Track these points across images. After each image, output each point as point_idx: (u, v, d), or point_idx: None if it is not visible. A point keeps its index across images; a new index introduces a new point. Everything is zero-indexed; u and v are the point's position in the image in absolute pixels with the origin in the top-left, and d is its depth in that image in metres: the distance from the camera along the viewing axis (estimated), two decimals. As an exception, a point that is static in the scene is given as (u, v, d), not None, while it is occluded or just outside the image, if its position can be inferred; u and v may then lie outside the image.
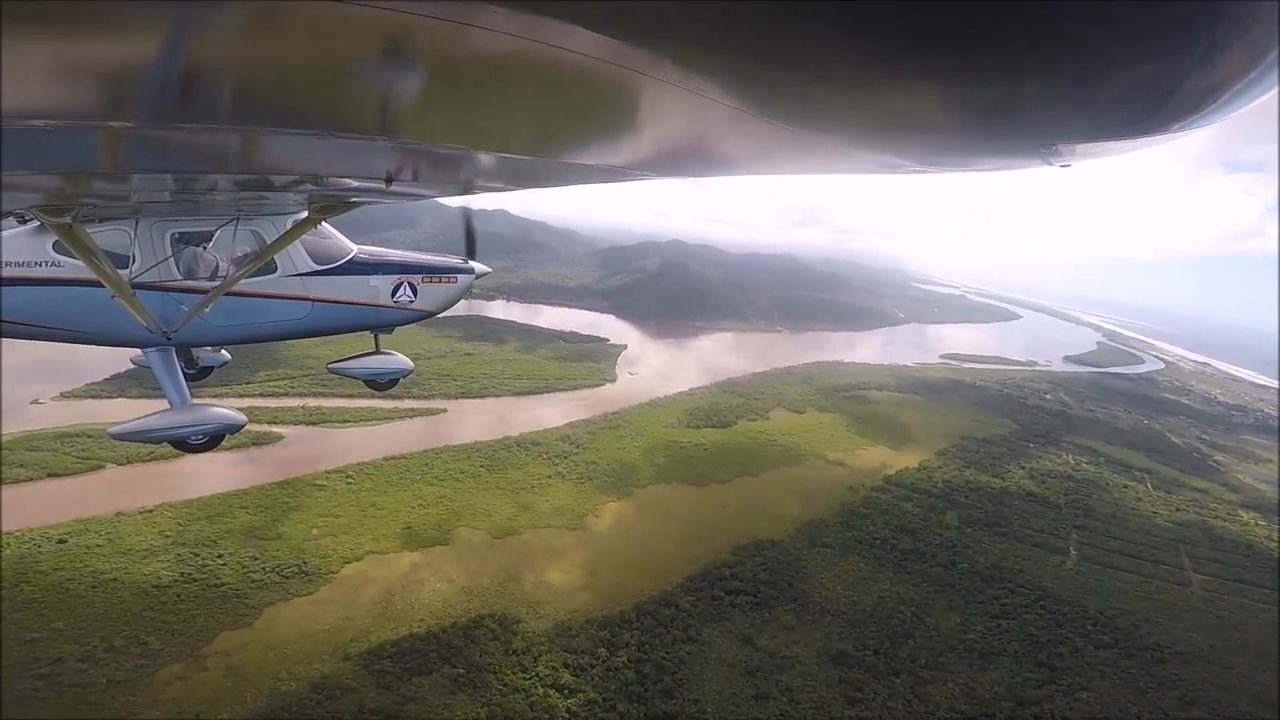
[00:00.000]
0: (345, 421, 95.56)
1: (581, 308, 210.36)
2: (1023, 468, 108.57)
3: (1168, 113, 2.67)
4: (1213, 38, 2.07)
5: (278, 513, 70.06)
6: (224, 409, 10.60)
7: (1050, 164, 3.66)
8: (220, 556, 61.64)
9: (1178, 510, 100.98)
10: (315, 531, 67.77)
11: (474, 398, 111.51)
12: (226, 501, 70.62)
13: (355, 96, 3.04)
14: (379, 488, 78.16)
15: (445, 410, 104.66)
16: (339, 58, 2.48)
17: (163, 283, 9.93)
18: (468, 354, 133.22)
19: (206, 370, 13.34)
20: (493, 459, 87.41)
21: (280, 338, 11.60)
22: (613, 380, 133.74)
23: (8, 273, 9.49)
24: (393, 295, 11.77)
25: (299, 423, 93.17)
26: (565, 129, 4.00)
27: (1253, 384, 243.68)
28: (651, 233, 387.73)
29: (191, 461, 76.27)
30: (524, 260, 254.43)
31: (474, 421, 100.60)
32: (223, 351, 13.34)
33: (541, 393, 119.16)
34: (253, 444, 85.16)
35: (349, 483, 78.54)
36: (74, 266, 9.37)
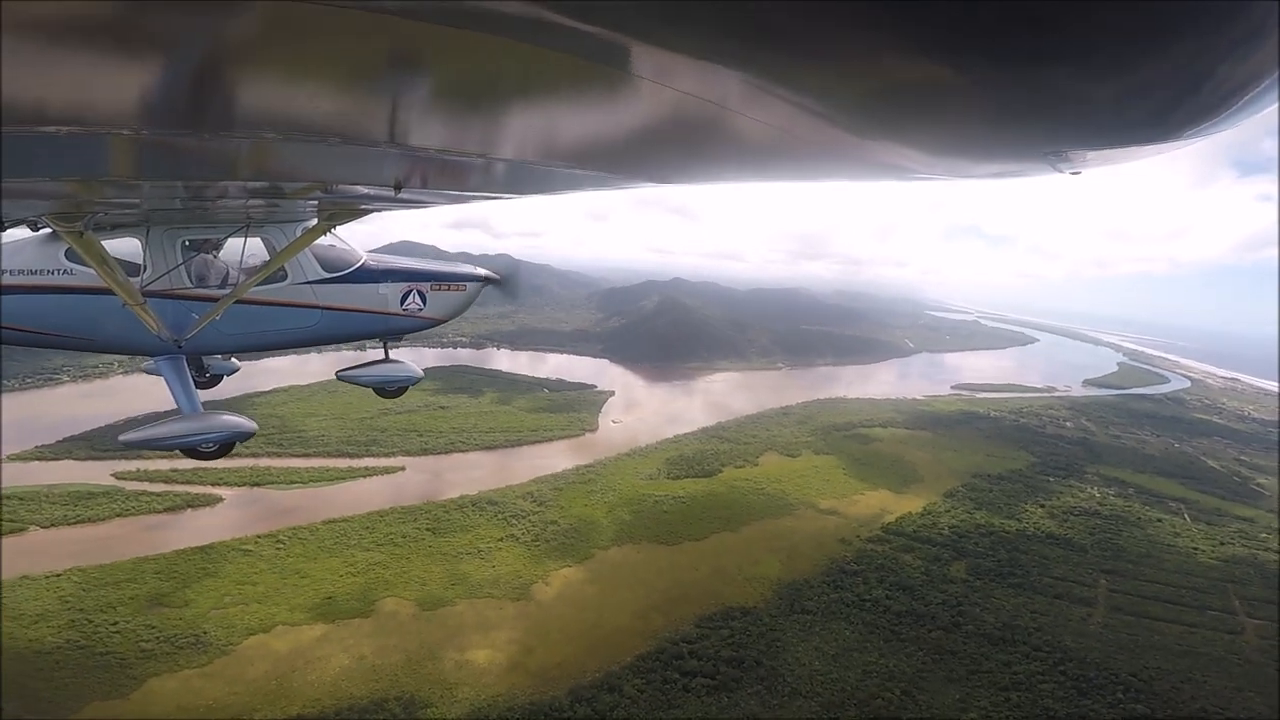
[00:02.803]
0: (293, 482, 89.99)
1: (574, 353, 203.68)
2: (1041, 506, 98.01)
3: (1179, 119, 2.60)
4: (1227, 41, 2.01)
5: (191, 579, 65.90)
6: (235, 417, 10.34)
7: (1059, 171, 3.54)
8: (115, 624, 58.12)
9: (1222, 544, 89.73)
10: (227, 599, 63.18)
11: (437, 454, 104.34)
12: (140, 566, 67.40)
13: (364, 103, 3.03)
14: (309, 553, 72.30)
15: (404, 469, 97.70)
16: (348, 65, 2.50)
17: (174, 290, 9.78)
18: (442, 407, 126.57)
19: (217, 378, 13.20)
20: (441, 521, 79.83)
21: (290, 346, 11.40)
22: (594, 430, 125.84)
23: (21, 281, 9.46)
24: (402, 303, 11.53)
25: (243, 484, 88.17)
26: (573, 135, 3.93)
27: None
28: (655, 271, 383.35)
29: (118, 524, 76.30)
30: (522, 305, 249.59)
31: (431, 480, 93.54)
32: (233, 360, 13.22)
33: (512, 446, 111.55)
34: (188, 507, 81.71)
35: (279, 548, 73.00)
36: (86, 274, 9.29)
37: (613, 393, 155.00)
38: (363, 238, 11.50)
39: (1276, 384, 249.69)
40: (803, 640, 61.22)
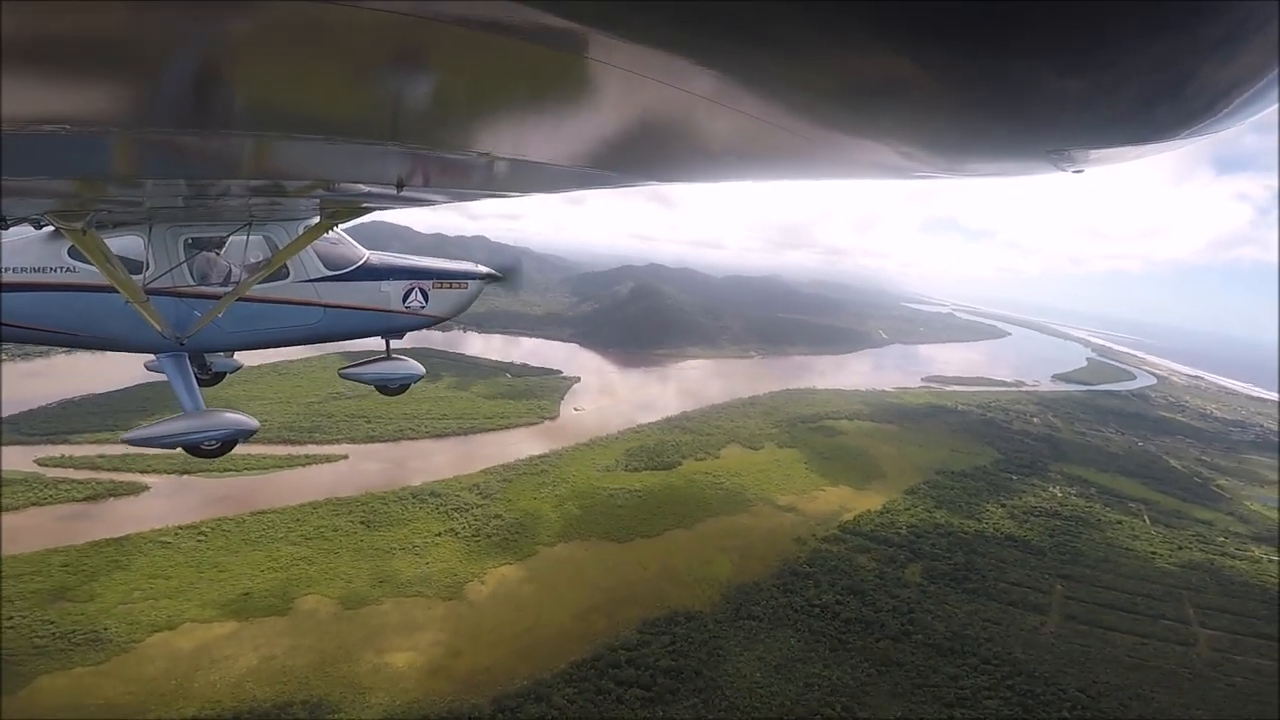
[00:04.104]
0: (226, 470, 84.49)
1: (544, 337, 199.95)
2: (1003, 505, 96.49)
3: (1180, 117, 2.64)
4: (1227, 38, 2.04)
5: (99, 573, 61.93)
6: (238, 414, 10.33)
7: (1062, 169, 3.60)
8: (10, 619, 54.94)
9: (1180, 548, 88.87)
10: (136, 594, 59.69)
11: (385, 442, 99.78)
12: (47, 559, 63.48)
13: (366, 102, 3.07)
14: (232, 546, 68.33)
15: (346, 457, 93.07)
16: (350, 63, 2.53)
17: (176, 288, 9.81)
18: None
19: (219, 376, 13.12)
20: (377, 514, 75.81)
21: (292, 343, 11.19)
22: (554, 418, 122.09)
23: (24, 279, 9.52)
24: (404, 301, 11.41)
25: (174, 471, 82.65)
26: (575, 134, 3.92)
27: (1249, 397, 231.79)
28: (635, 257, 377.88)
29: (32, 514, 72.23)
30: (494, 287, 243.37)
31: (374, 469, 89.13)
32: (235, 357, 13.12)
33: (465, 434, 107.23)
34: (110, 495, 77.08)
35: (200, 540, 68.87)
36: (89, 272, 9.39)
37: (579, 379, 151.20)
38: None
39: (1243, 384, 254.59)
40: (746, 649, 58.49)
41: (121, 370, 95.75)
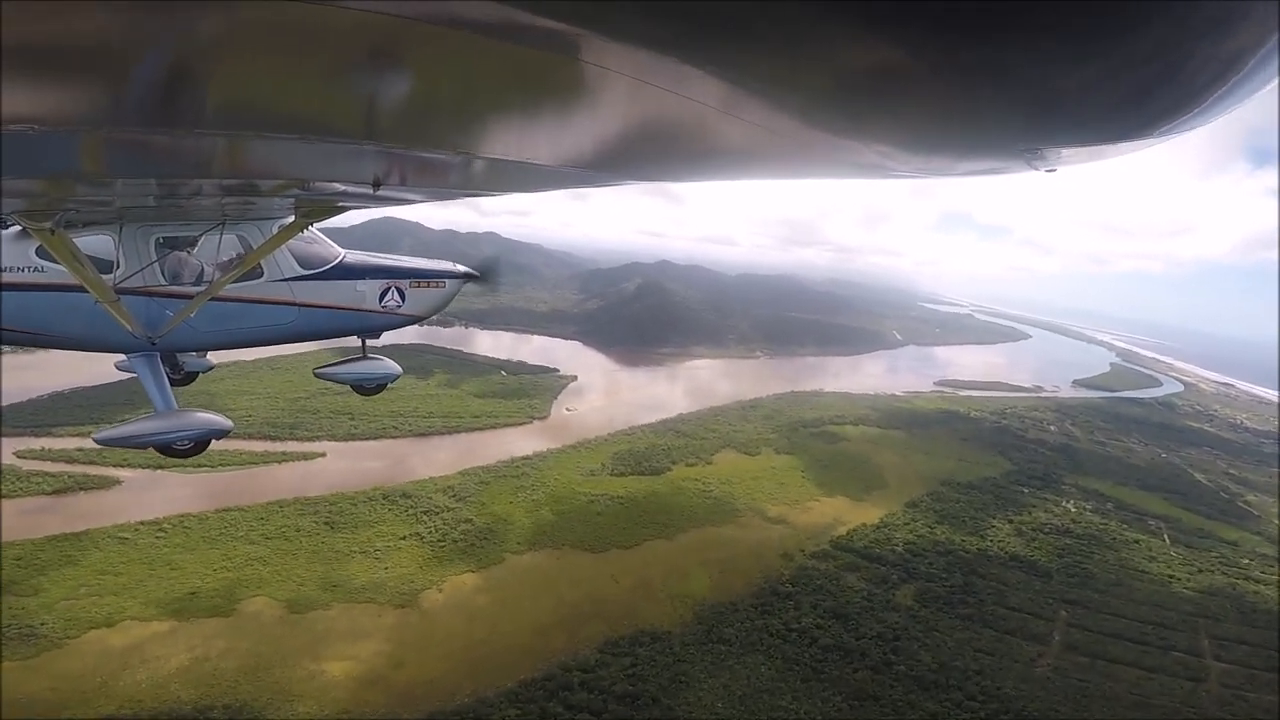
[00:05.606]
0: (201, 467, 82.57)
1: (548, 334, 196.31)
2: (1010, 521, 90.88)
3: (1152, 115, 2.67)
4: (1195, 35, 2.05)
5: (50, 567, 60.94)
6: (210, 414, 10.19)
7: (1035, 168, 3.60)
8: None
9: (1200, 571, 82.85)
10: (82, 590, 58.84)
11: (366, 440, 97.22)
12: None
13: (342, 101, 3.05)
14: (190, 544, 66.55)
15: (324, 455, 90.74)
16: (325, 62, 2.52)
17: (147, 288, 9.68)
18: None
19: (192, 376, 12.98)
20: (343, 515, 73.19)
21: (266, 343, 11.16)
22: (544, 418, 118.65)
23: None
24: (380, 300, 11.33)
25: (148, 465, 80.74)
26: (551, 133, 3.88)
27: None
28: (645, 254, 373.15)
29: None
30: (501, 283, 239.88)
31: (348, 468, 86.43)
32: (207, 356, 13.02)
33: (450, 433, 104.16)
34: (80, 489, 75.97)
35: (159, 536, 67.39)
36: (57, 272, 9.29)
37: (575, 378, 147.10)
38: (345, 214, 9.67)
39: (1275, 391, 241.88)
40: (712, 676, 54.47)
41: (110, 364, 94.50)
